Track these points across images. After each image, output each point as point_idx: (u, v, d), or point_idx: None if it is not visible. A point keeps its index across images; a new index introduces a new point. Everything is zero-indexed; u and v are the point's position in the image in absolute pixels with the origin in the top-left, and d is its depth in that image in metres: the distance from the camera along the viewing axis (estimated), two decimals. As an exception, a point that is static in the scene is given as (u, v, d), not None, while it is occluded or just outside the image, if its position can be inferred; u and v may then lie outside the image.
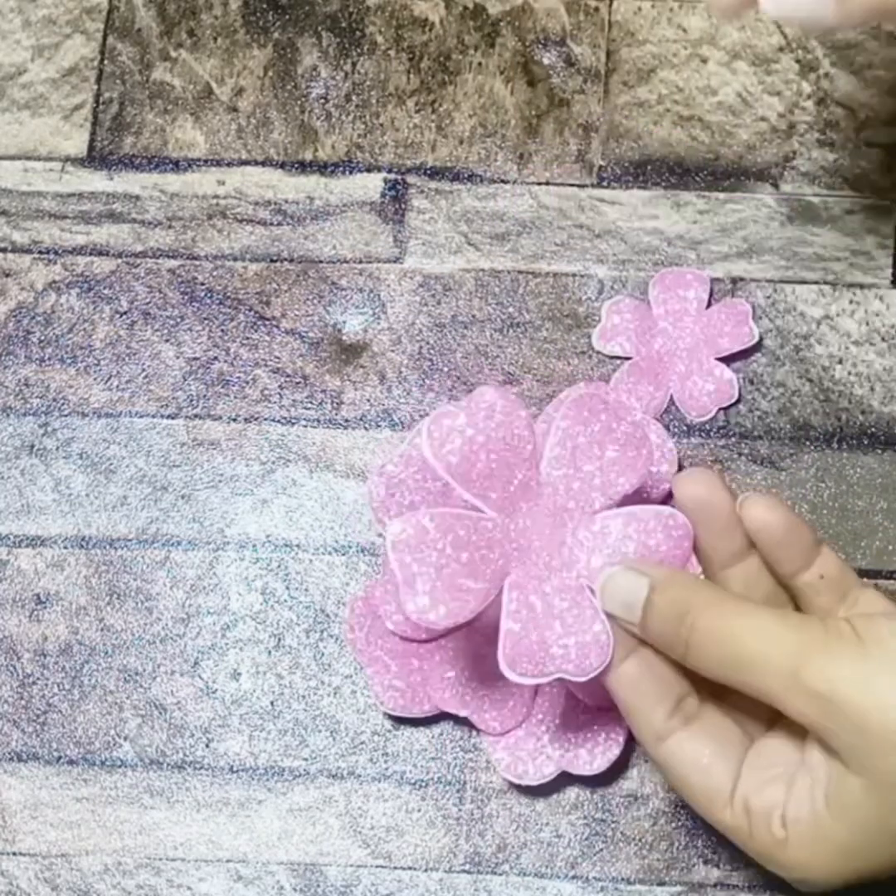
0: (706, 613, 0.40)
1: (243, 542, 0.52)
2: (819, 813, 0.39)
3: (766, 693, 0.39)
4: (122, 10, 0.56)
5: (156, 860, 0.50)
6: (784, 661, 0.38)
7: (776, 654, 0.39)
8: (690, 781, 0.41)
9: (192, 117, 0.56)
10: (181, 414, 0.53)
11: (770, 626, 0.39)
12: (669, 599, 0.41)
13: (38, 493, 0.52)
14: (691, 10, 0.56)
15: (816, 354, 0.53)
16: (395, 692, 0.48)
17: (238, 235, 0.54)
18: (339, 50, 0.56)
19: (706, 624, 0.40)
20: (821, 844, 0.39)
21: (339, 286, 0.54)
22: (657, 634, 0.41)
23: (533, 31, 0.56)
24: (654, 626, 0.41)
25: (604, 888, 0.49)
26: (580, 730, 0.48)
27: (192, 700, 0.51)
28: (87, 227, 0.55)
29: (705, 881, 0.49)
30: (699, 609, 0.40)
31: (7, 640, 0.51)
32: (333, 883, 0.49)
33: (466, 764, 0.50)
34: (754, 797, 0.40)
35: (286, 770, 0.50)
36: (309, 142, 0.55)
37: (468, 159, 0.55)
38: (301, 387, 0.53)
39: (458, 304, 0.53)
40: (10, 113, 0.56)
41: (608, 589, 0.42)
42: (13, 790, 0.50)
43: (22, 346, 0.54)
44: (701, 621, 0.40)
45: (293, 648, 0.51)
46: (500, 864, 0.49)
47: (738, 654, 0.39)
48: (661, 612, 0.41)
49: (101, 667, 0.51)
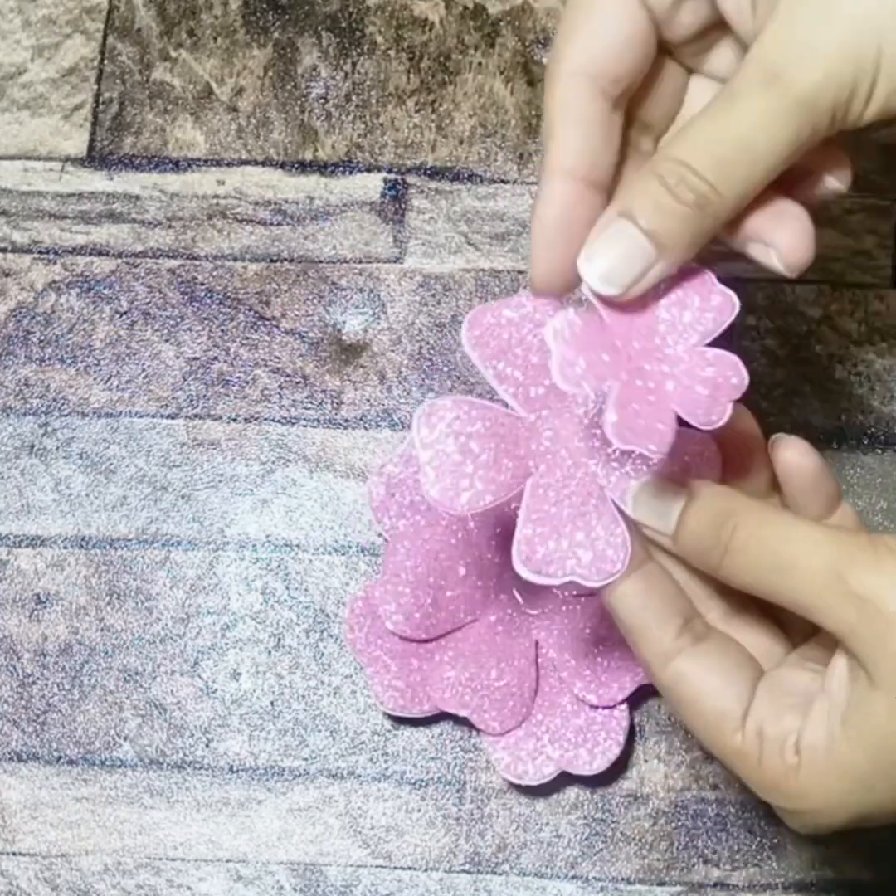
0: (750, 519, 0.39)
1: (243, 542, 0.52)
2: (835, 737, 0.38)
3: (805, 598, 0.38)
4: (122, 10, 0.56)
5: (156, 860, 0.50)
6: (828, 563, 0.37)
7: (821, 557, 0.37)
8: (699, 704, 0.40)
9: (192, 117, 0.56)
10: (181, 414, 0.53)
11: (816, 532, 0.38)
12: (710, 505, 0.40)
13: (38, 493, 0.52)
14: (691, 10, 0.56)
15: (816, 354, 0.53)
16: (395, 692, 0.48)
17: (238, 235, 0.54)
18: (339, 50, 0.56)
19: (750, 529, 0.39)
20: (834, 771, 0.38)
21: (339, 286, 0.54)
22: (694, 542, 0.40)
23: (533, 31, 0.56)
24: (691, 533, 0.40)
25: (604, 888, 0.49)
26: (580, 730, 0.48)
27: (192, 700, 0.51)
28: (87, 227, 0.55)
29: (705, 881, 0.49)
30: (743, 515, 0.39)
31: (7, 640, 0.51)
32: (333, 883, 0.49)
33: (466, 764, 0.50)
34: (769, 723, 0.39)
35: (286, 770, 0.50)
36: (309, 142, 0.55)
37: (468, 159, 0.55)
38: (301, 387, 0.53)
39: (458, 304, 0.53)
40: (10, 113, 0.56)
41: (641, 497, 0.40)
42: (13, 790, 0.50)
43: (22, 346, 0.54)
44: (745, 526, 0.39)
45: (293, 648, 0.51)
46: (500, 864, 0.49)
47: (781, 558, 0.38)
48: (701, 519, 0.39)
49: (101, 667, 0.51)
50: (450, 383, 0.53)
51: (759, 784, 0.39)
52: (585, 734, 0.48)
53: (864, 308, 0.53)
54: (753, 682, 0.40)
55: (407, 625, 0.48)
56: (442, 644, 0.48)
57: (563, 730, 0.48)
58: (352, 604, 0.49)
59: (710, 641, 0.40)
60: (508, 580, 0.49)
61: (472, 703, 0.48)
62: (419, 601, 0.48)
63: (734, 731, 0.39)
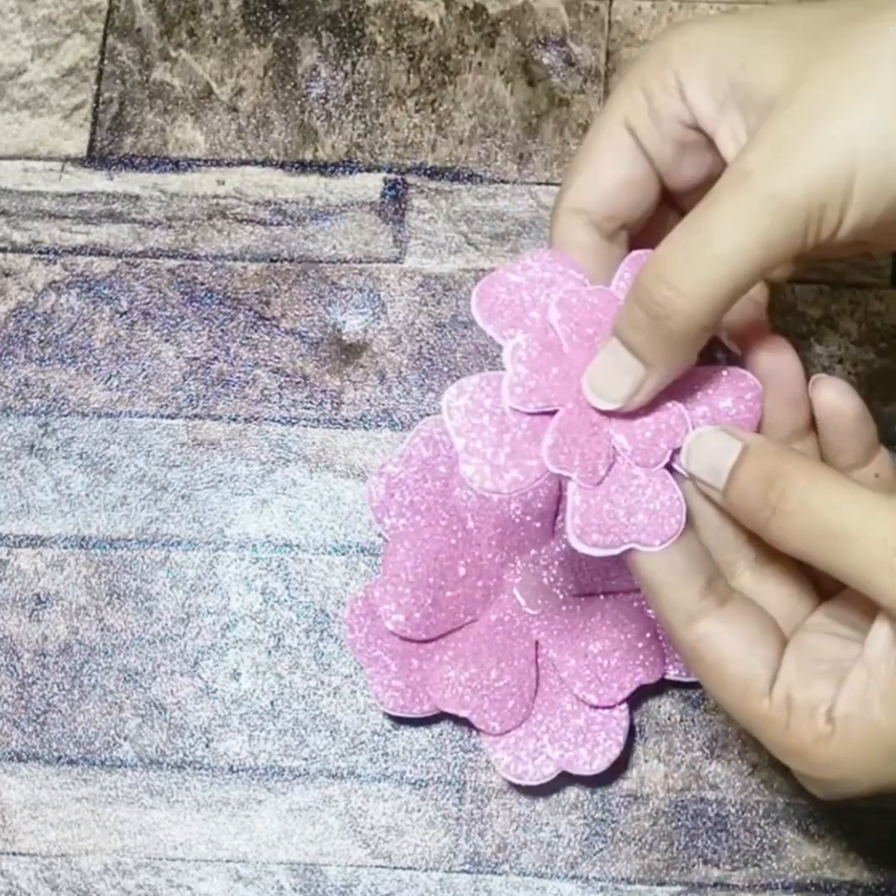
0: (801, 481, 0.38)
1: (243, 542, 0.52)
2: (874, 710, 0.37)
3: (854, 568, 0.37)
4: (122, 10, 0.56)
5: (156, 860, 0.50)
6: (882, 535, 0.36)
7: (874, 528, 0.36)
8: (724, 668, 0.39)
9: (192, 117, 0.56)
10: (181, 414, 0.53)
11: (870, 501, 0.37)
12: (761, 464, 0.39)
13: (38, 493, 0.52)
14: (691, 10, 0.56)
15: (816, 354, 0.53)
16: (395, 692, 0.48)
17: (238, 235, 0.54)
18: (339, 50, 0.56)
19: (800, 492, 0.38)
20: (869, 743, 0.37)
21: (339, 286, 0.54)
22: (742, 500, 0.39)
23: (533, 31, 0.56)
24: (740, 491, 0.39)
25: (604, 888, 0.49)
26: (580, 730, 0.48)
27: (192, 700, 0.51)
28: (86, 227, 0.55)
29: (705, 881, 0.49)
30: (793, 477, 0.38)
31: (7, 640, 0.51)
32: (333, 883, 0.49)
33: (466, 764, 0.50)
34: (799, 690, 0.38)
35: (286, 770, 0.50)
36: (309, 142, 0.55)
37: (468, 159, 0.55)
38: (301, 387, 0.53)
39: (458, 304, 0.53)
40: (10, 113, 0.56)
41: (696, 450, 0.40)
42: (13, 790, 0.50)
43: (22, 346, 0.54)
44: (794, 489, 0.38)
45: (293, 648, 0.51)
46: (500, 864, 0.49)
47: (831, 525, 0.37)
48: (751, 477, 0.39)
49: (101, 667, 0.51)
50: (450, 383, 0.53)
51: (784, 750, 0.39)
52: (585, 734, 0.48)
53: (864, 308, 0.53)
54: (779, 647, 0.40)
55: (407, 625, 0.48)
56: (442, 644, 0.48)
57: (563, 730, 0.48)
58: (352, 604, 0.49)
59: (735, 604, 0.40)
60: (508, 580, 0.49)
61: (472, 703, 0.48)
62: (419, 601, 0.48)
63: (761, 696, 0.39)
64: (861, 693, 0.37)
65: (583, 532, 0.38)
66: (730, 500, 0.39)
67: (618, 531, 0.39)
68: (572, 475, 0.38)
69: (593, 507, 0.38)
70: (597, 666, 0.47)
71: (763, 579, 0.42)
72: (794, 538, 0.38)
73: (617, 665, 0.47)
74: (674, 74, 0.40)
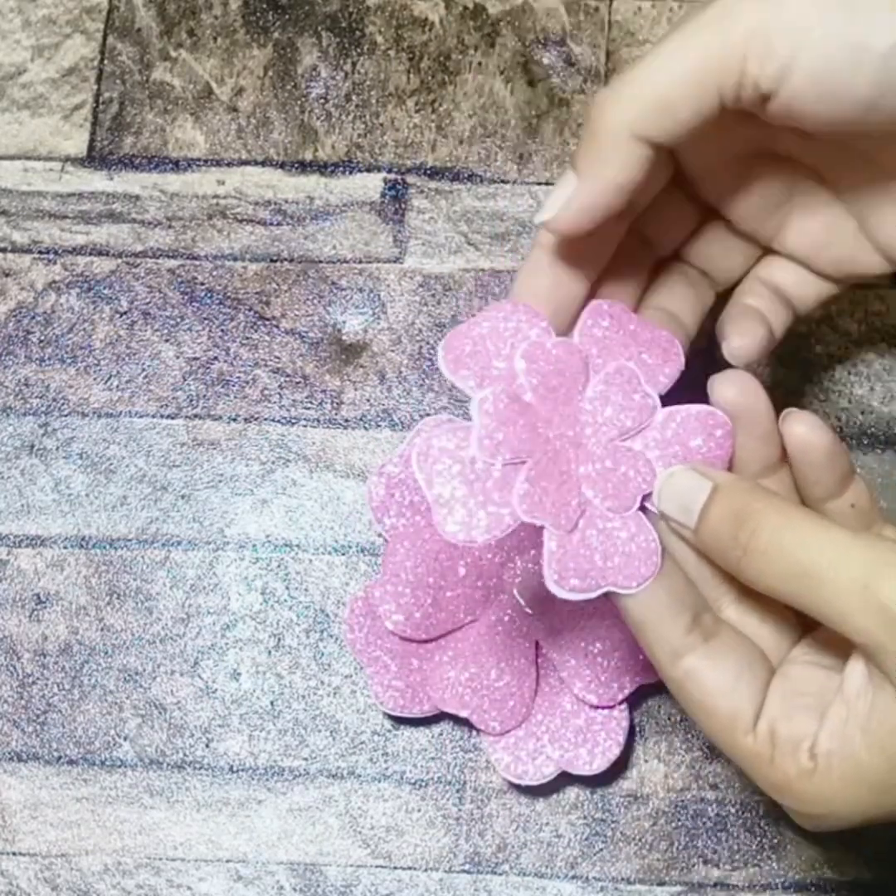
0: (771, 521, 0.38)
1: (243, 542, 0.52)
2: (855, 745, 0.37)
3: (827, 607, 0.37)
4: (122, 10, 0.56)
5: (156, 860, 0.50)
6: (855, 574, 0.36)
7: (847, 567, 0.36)
8: (710, 702, 0.39)
9: (192, 117, 0.56)
10: (181, 414, 0.53)
11: (842, 539, 0.37)
12: (731, 503, 0.39)
13: (38, 493, 0.52)
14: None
15: (816, 354, 0.53)
16: (395, 692, 0.48)
17: (238, 235, 0.54)
18: (339, 50, 0.56)
19: (771, 532, 0.38)
20: (852, 778, 0.37)
21: (339, 286, 0.54)
22: (713, 540, 0.39)
23: (533, 31, 0.56)
24: (710, 530, 0.39)
25: (604, 888, 0.49)
26: (580, 730, 0.48)
27: (192, 700, 0.51)
28: (86, 227, 0.55)
29: (705, 881, 0.49)
30: (764, 516, 0.38)
31: (7, 640, 0.51)
32: (333, 883, 0.49)
33: (466, 764, 0.50)
34: (782, 724, 0.39)
35: (286, 770, 0.50)
36: (309, 142, 0.55)
37: (468, 159, 0.55)
38: (301, 387, 0.53)
39: (458, 304, 0.53)
40: (10, 113, 0.56)
41: (667, 489, 0.40)
42: (13, 790, 0.50)
43: (22, 346, 0.54)
44: (765, 529, 0.38)
45: (293, 648, 0.51)
46: (500, 864, 0.49)
47: (803, 565, 0.37)
48: (721, 516, 0.39)
49: (101, 667, 0.51)
50: (449, 383, 0.53)
51: (770, 785, 0.39)
52: (585, 734, 0.48)
53: (864, 308, 0.53)
54: (765, 680, 0.40)
55: (407, 625, 0.48)
56: (442, 644, 0.48)
57: (563, 730, 0.48)
58: (352, 604, 0.49)
59: (721, 638, 0.40)
60: (508, 580, 0.49)
61: (472, 703, 0.48)
62: (419, 601, 0.48)
63: (745, 731, 0.39)
64: (841, 729, 0.38)
65: (560, 577, 0.38)
66: (701, 540, 0.40)
67: (595, 575, 0.39)
68: (545, 523, 0.38)
69: (569, 553, 0.39)
70: (597, 666, 0.47)
71: (746, 614, 0.42)
72: (767, 577, 0.38)
73: (617, 665, 0.47)
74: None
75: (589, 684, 0.47)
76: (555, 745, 0.48)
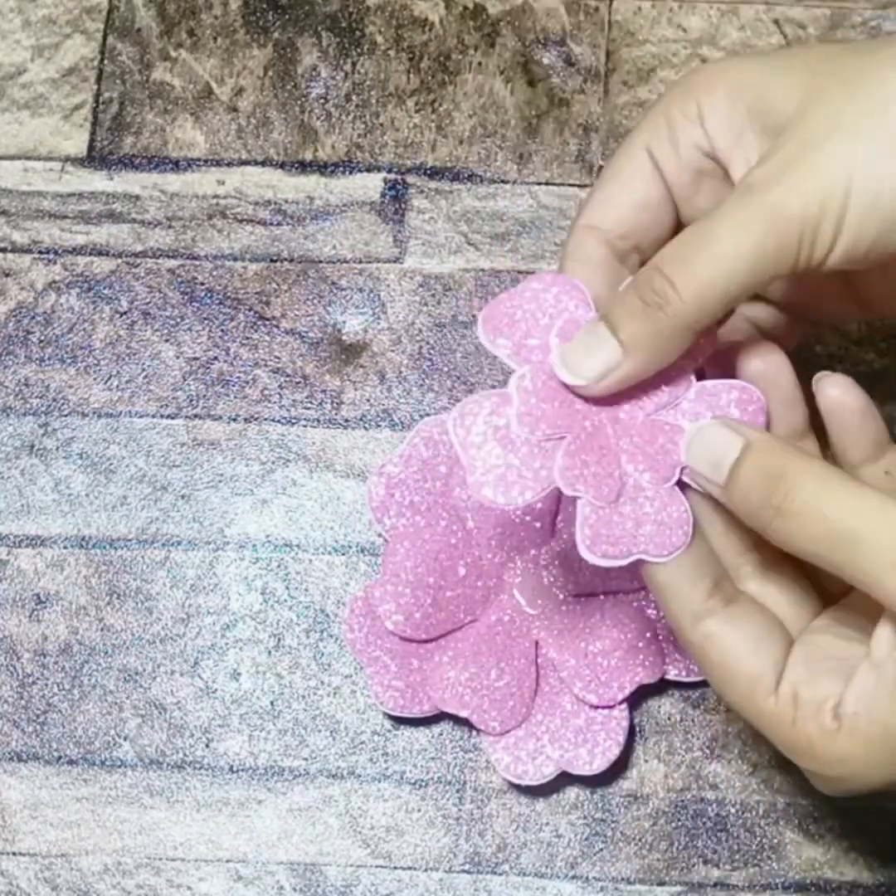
0: (807, 484, 0.38)
1: (243, 542, 0.52)
2: (883, 708, 0.37)
3: (861, 571, 0.36)
4: (122, 10, 0.56)
5: (156, 860, 0.50)
6: (892, 538, 0.36)
7: (884, 531, 0.36)
8: (732, 665, 0.39)
9: (192, 117, 0.56)
10: (181, 414, 0.53)
11: (879, 503, 0.37)
12: (764, 462, 0.38)
13: (38, 493, 0.52)
14: (691, 9, 0.56)
15: (816, 354, 0.53)
16: (395, 692, 0.48)
17: (238, 235, 0.54)
18: (339, 50, 0.56)
19: (806, 493, 0.37)
20: (879, 742, 0.37)
21: (339, 286, 0.54)
22: (742, 498, 0.39)
23: (533, 31, 0.56)
24: (741, 488, 0.39)
25: (604, 888, 0.49)
26: (580, 730, 0.48)
27: (192, 700, 0.51)
28: (86, 227, 0.55)
29: (705, 881, 0.49)
30: (798, 478, 0.38)
31: (7, 640, 0.51)
32: (333, 883, 0.49)
33: (466, 764, 0.50)
34: (805, 686, 0.39)
35: (286, 770, 0.50)
36: (309, 142, 0.55)
37: (468, 159, 0.55)
38: (301, 387, 0.53)
39: (458, 304, 0.53)
40: (10, 113, 0.56)
41: (696, 443, 0.40)
42: (13, 790, 0.50)
43: (22, 346, 0.54)
44: (799, 490, 0.37)
45: (293, 648, 0.51)
46: (500, 864, 0.49)
47: (839, 529, 0.37)
48: (753, 475, 0.38)
49: (101, 667, 0.51)
50: (450, 383, 0.53)
51: (791, 747, 0.39)
52: (585, 734, 0.48)
53: (864, 308, 0.53)
54: (785, 646, 0.40)
55: (407, 625, 0.48)
56: (442, 644, 0.48)
57: (563, 730, 0.48)
58: (352, 604, 0.49)
59: (741, 604, 0.40)
60: (508, 580, 0.49)
61: (472, 703, 0.48)
62: (419, 601, 0.48)
63: (767, 694, 0.39)
64: (869, 691, 0.38)
65: (592, 543, 0.39)
66: (730, 497, 0.39)
67: (626, 542, 0.39)
68: (587, 496, 0.39)
69: (602, 519, 0.39)
70: (597, 666, 0.47)
71: (767, 584, 0.42)
72: (799, 539, 0.38)
73: (617, 665, 0.47)
74: (695, 102, 0.41)
75: (589, 684, 0.47)
76: (555, 745, 0.48)
